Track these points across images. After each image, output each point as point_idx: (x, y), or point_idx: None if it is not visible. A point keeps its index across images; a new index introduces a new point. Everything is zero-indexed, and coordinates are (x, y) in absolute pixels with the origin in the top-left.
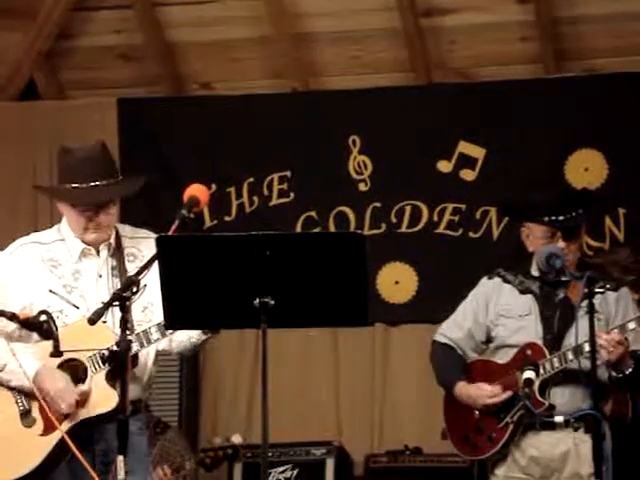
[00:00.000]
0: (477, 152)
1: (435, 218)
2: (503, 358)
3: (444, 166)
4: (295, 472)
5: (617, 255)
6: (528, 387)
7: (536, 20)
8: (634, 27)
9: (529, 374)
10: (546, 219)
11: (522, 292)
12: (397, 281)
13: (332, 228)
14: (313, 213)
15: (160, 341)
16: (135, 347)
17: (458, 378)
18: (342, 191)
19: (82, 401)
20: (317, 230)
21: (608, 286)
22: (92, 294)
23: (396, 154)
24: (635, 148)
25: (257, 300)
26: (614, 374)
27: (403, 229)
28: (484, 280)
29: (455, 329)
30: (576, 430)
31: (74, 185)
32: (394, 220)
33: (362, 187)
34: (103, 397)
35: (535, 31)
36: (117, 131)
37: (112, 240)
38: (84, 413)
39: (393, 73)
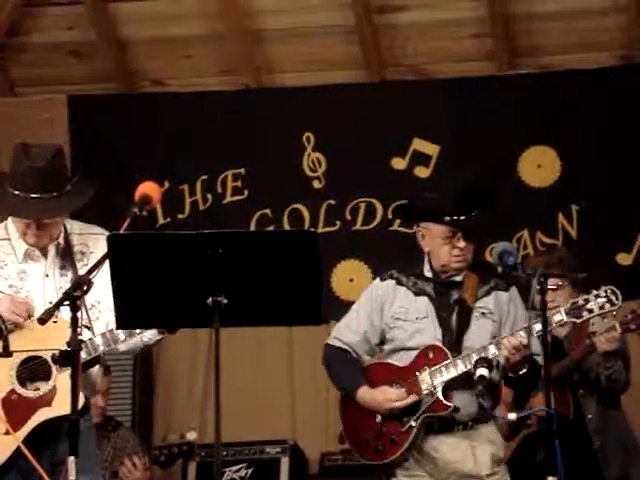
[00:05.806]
0: (431, 149)
1: (390, 215)
2: (402, 360)
3: (398, 163)
4: (250, 471)
5: (559, 253)
6: (481, 384)
7: (489, 17)
8: (586, 24)
9: (482, 371)
10: (447, 219)
11: (416, 294)
12: (352, 279)
13: (286, 226)
14: (267, 211)
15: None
16: (83, 355)
17: (360, 382)
18: (296, 188)
19: (48, 400)
20: (271, 228)
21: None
22: (39, 294)
23: (350, 151)
24: (588, 145)
25: (210, 299)
26: (510, 374)
27: (358, 226)
28: (377, 282)
29: (349, 333)
30: (474, 431)
31: (15, 192)
32: (349, 217)
33: (316, 184)
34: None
35: (488, 28)
36: (67, 128)
37: (61, 239)
38: (52, 412)
39: (346, 70)
